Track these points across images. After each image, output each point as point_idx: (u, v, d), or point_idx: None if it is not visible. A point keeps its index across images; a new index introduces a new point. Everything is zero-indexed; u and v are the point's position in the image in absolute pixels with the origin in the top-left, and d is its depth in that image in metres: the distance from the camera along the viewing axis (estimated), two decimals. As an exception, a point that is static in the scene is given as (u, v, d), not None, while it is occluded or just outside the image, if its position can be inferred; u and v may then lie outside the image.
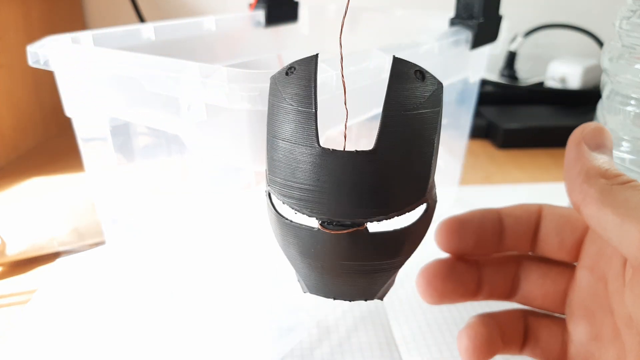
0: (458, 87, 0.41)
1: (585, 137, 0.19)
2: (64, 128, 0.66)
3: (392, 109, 0.16)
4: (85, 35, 0.31)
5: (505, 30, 0.38)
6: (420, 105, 0.16)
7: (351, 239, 0.17)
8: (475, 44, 0.34)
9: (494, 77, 0.74)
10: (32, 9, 0.60)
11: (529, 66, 0.79)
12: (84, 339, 0.31)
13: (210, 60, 0.38)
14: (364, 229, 0.17)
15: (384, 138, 0.16)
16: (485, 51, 0.39)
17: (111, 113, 0.29)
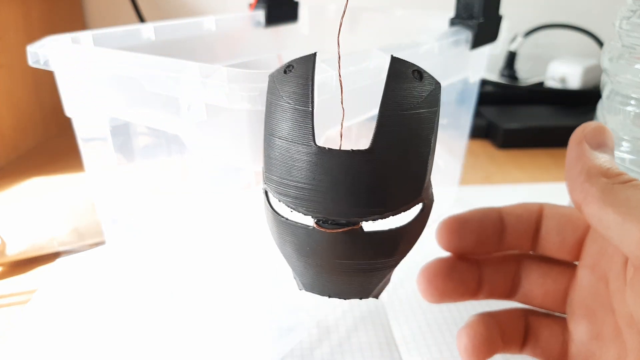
0: (458, 87, 0.41)
1: (587, 136, 0.19)
2: (64, 128, 0.66)
3: (389, 108, 0.16)
4: (85, 35, 0.31)
5: (505, 30, 0.38)
6: (417, 105, 0.16)
7: (346, 237, 0.17)
8: (475, 44, 0.34)
9: (494, 77, 0.74)
10: (32, 9, 0.60)
11: (529, 66, 0.79)
12: (84, 339, 0.31)
13: (210, 60, 0.38)
14: (360, 228, 0.17)
15: (381, 137, 0.16)
16: (485, 51, 0.39)
17: (111, 113, 0.29)
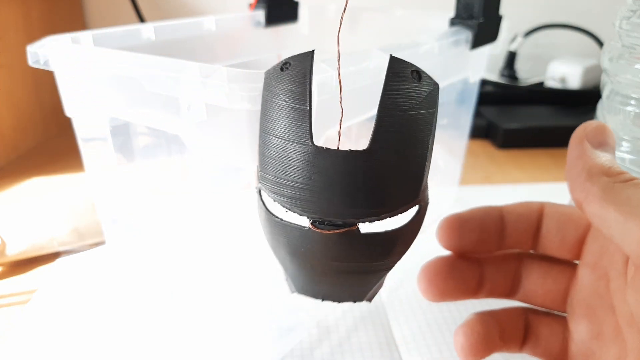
0: (458, 87, 0.41)
1: (588, 135, 0.19)
2: (64, 128, 0.66)
3: (388, 108, 0.16)
4: (85, 35, 0.31)
5: (505, 30, 0.38)
6: (415, 106, 0.16)
7: (342, 239, 0.17)
8: (475, 44, 0.34)
9: (494, 77, 0.74)
10: (32, 9, 0.60)
11: (529, 66, 0.79)
12: (84, 339, 0.31)
13: (210, 60, 0.38)
14: (356, 229, 0.17)
15: (379, 138, 0.16)
16: (485, 51, 0.39)
17: (111, 113, 0.29)
